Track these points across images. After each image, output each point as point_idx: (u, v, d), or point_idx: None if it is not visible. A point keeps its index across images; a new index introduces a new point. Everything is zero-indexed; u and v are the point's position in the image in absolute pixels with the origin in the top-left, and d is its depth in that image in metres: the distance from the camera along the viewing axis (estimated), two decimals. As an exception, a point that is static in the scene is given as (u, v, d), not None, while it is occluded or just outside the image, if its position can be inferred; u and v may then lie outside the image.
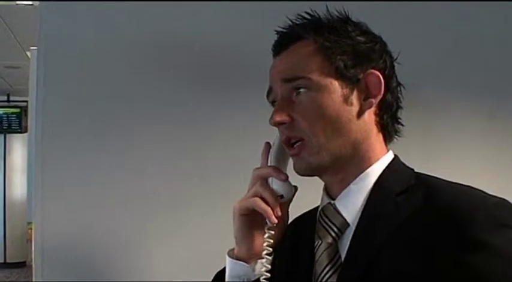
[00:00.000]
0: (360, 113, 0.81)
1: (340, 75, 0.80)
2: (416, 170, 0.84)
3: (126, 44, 1.54)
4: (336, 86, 0.80)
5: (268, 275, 0.82)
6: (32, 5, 3.63)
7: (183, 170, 1.54)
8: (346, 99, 0.80)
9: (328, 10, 0.85)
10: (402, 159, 0.86)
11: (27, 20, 3.49)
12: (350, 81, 0.81)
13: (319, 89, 0.80)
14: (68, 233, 1.47)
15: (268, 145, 0.90)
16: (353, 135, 0.81)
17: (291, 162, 0.87)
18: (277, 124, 0.82)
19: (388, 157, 0.85)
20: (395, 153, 0.87)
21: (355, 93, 0.81)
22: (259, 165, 0.89)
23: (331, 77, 0.80)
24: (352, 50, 0.82)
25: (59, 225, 1.47)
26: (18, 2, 3.66)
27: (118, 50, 1.54)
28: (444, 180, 0.80)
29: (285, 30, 0.86)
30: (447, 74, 1.65)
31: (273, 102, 0.86)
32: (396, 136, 0.87)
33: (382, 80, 0.82)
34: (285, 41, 0.85)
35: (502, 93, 1.69)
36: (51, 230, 1.47)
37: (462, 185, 0.78)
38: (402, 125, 0.87)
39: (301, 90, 0.81)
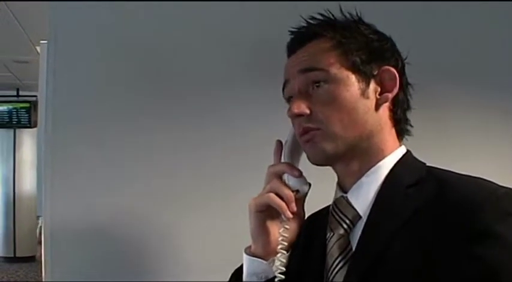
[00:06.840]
0: (376, 107, 0.83)
1: (356, 70, 0.82)
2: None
3: (137, 38, 1.53)
4: (353, 80, 0.82)
5: (283, 269, 0.82)
6: (42, -1, 3.63)
7: (196, 164, 1.53)
8: (363, 93, 0.82)
9: (341, 10, 0.87)
10: (420, 157, 0.87)
11: (37, 15, 3.48)
12: (366, 75, 0.83)
13: (336, 81, 0.82)
14: (76, 227, 1.47)
15: (279, 143, 0.92)
16: (368, 127, 0.82)
17: (304, 158, 0.87)
18: (295, 116, 0.83)
19: (401, 151, 0.86)
20: (411, 150, 0.88)
21: (371, 87, 0.83)
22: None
23: (348, 71, 0.82)
24: (366, 47, 0.84)
25: (67, 219, 1.47)
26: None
27: (128, 45, 1.53)
28: (455, 172, 0.81)
29: (300, 29, 0.88)
30: (465, 72, 1.63)
31: (289, 98, 0.87)
32: (407, 135, 0.89)
33: (397, 76, 0.84)
34: (300, 39, 0.87)
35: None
36: (59, 224, 1.47)
37: (473, 177, 0.79)
38: (411, 125, 0.89)
39: (319, 83, 0.82)
